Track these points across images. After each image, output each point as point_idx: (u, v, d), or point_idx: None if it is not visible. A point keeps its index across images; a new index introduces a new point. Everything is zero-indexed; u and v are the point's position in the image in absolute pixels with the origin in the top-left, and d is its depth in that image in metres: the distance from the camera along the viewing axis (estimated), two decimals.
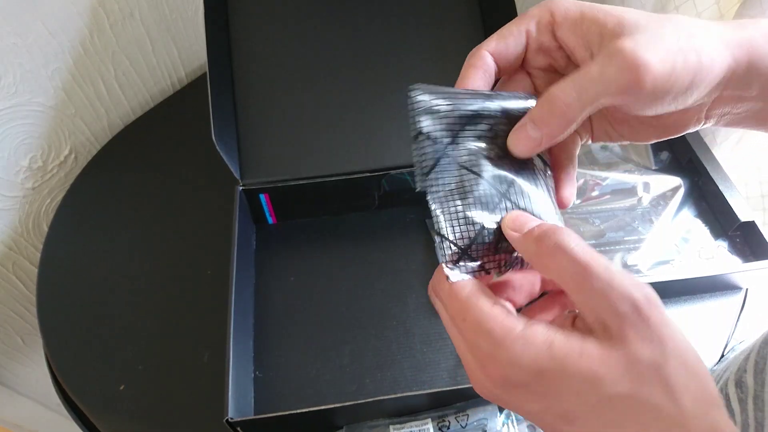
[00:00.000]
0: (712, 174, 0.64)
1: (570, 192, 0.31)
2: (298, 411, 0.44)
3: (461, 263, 0.27)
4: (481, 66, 0.29)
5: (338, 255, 0.62)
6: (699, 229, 0.62)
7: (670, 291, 0.58)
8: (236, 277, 0.51)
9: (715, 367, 0.53)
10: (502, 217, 0.27)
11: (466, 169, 0.27)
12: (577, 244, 0.24)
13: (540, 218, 0.28)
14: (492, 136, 0.28)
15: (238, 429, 0.44)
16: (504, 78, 0.32)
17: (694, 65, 0.25)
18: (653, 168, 0.68)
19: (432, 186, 0.27)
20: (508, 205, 0.27)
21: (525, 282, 0.30)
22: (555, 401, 0.24)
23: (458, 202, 0.27)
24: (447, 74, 0.63)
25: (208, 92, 0.53)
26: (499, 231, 0.27)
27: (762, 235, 0.59)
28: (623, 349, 0.23)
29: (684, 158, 0.68)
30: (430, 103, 0.27)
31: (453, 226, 0.27)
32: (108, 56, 0.69)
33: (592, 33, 0.27)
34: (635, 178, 0.66)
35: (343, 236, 0.63)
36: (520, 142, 0.28)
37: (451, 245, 0.26)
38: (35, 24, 0.59)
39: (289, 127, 0.60)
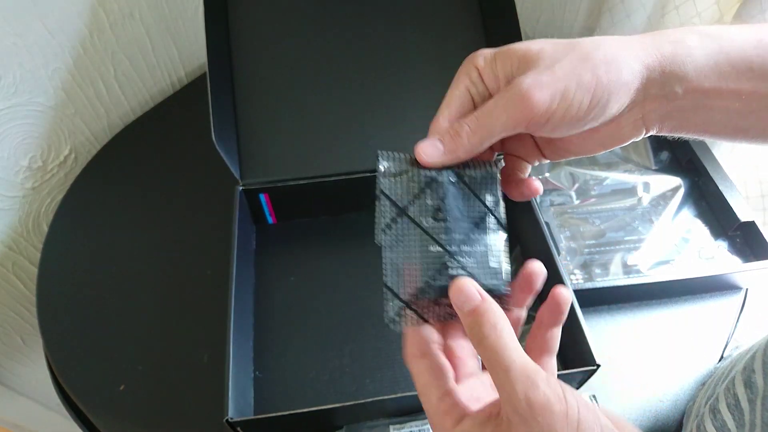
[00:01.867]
0: (712, 174, 0.64)
1: (534, 186, 0.33)
2: (298, 411, 0.44)
3: (404, 313, 0.30)
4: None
5: (338, 255, 0.62)
6: (699, 229, 0.63)
7: (670, 291, 0.58)
8: (236, 277, 0.51)
9: (718, 365, 0.53)
10: (449, 280, 0.29)
11: (421, 228, 0.30)
12: (497, 336, 0.26)
13: (483, 283, 0.30)
14: (446, 200, 0.31)
15: (238, 429, 0.44)
16: None
17: (591, 82, 0.27)
18: (653, 168, 0.68)
19: (386, 242, 0.30)
20: (455, 265, 0.30)
21: None
22: None
23: (411, 259, 0.30)
24: (447, 75, 0.63)
25: (208, 92, 0.53)
26: (442, 289, 0.29)
27: (762, 235, 0.59)
28: None
29: (684, 158, 0.68)
30: (392, 169, 0.30)
31: (399, 280, 0.30)
32: (108, 56, 0.69)
33: (506, 71, 0.29)
34: (635, 178, 0.66)
35: (343, 236, 0.63)
36: (427, 151, 0.30)
37: (395, 297, 0.30)
38: (35, 24, 0.59)
39: (289, 127, 0.60)
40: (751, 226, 0.60)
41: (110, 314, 0.58)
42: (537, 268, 0.31)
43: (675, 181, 0.65)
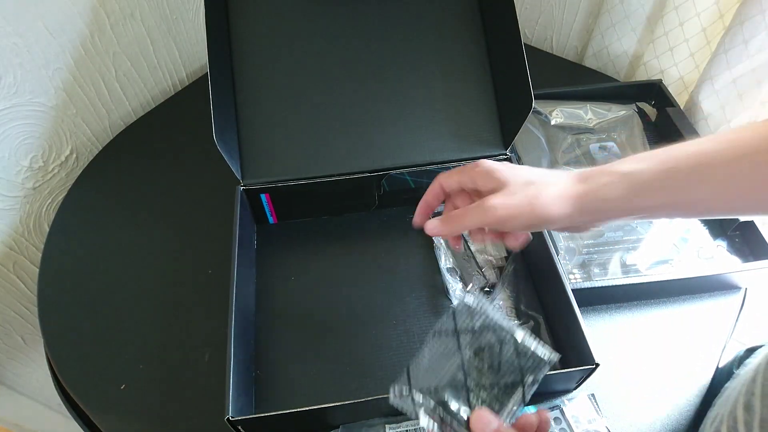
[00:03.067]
0: None
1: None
2: (299, 410, 0.44)
3: (407, 396, 0.38)
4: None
5: (338, 255, 0.62)
6: (698, 229, 0.63)
7: (670, 291, 0.58)
8: (237, 276, 0.51)
9: (738, 370, 0.52)
10: (457, 403, 0.37)
11: (460, 353, 0.39)
12: None
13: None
14: (494, 350, 0.40)
15: (239, 428, 0.44)
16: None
17: (528, 214, 0.39)
18: None
19: (430, 344, 0.40)
20: (464, 397, 0.38)
21: None
22: None
23: (438, 369, 0.39)
24: (447, 75, 0.63)
25: (209, 92, 0.53)
26: (444, 404, 0.37)
27: (761, 234, 0.59)
28: None
29: None
30: (469, 303, 0.41)
31: (420, 373, 0.39)
32: (109, 56, 0.69)
33: (477, 186, 0.43)
34: None
35: (343, 236, 0.64)
36: (431, 226, 0.43)
37: (408, 381, 0.38)
38: (36, 24, 0.59)
39: (289, 128, 0.60)
40: (750, 225, 0.60)
41: (111, 313, 0.58)
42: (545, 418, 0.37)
43: None
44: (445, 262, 0.60)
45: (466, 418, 0.36)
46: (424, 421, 0.37)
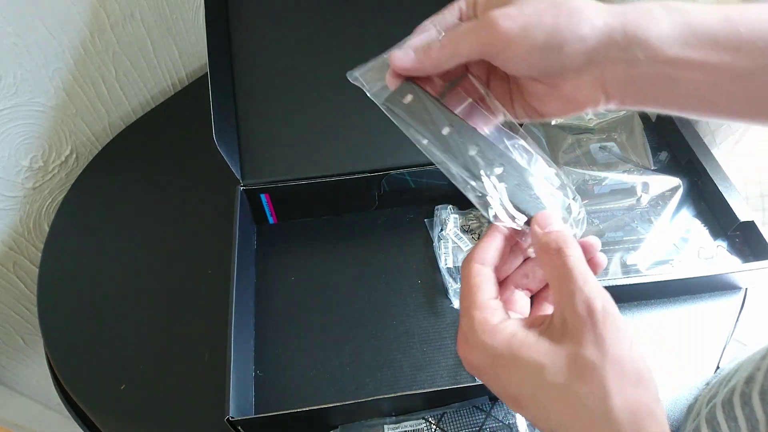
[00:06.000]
0: (711, 174, 0.64)
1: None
2: (299, 410, 0.44)
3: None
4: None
5: (338, 255, 0.62)
6: (698, 229, 0.63)
7: (670, 290, 0.58)
8: (237, 276, 0.51)
9: (722, 368, 0.53)
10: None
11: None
12: (572, 254, 0.29)
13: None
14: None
15: (239, 428, 0.44)
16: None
17: (550, 24, 0.29)
18: (652, 168, 0.68)
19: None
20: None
21: (538, 271, 0.34)
22: (505, 385, 0.28)
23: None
24: None
25: (209, 92, 0.53)
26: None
27: (761, 234, 0.59)
28: (571, 346, 0.26)
29: (683, 158, 0.68)
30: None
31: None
32: (109, 56, 0.69)
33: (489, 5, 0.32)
34: (634, 179, 0.66)
35: (343, 236, 0.64)
36: (398, 57, 0.34)
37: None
38: (35, 24, 0.59)
39: (289, 128, 0.60)
40: (750, 225, 0.60)
41: (111, 314, 0.58)
42: (595, 243, 0.32)
43: (674, 181, 0.66)
44: (445, 261, 0.60)
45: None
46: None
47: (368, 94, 0.36)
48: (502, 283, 0.34)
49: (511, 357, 0.28)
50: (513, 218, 0.32)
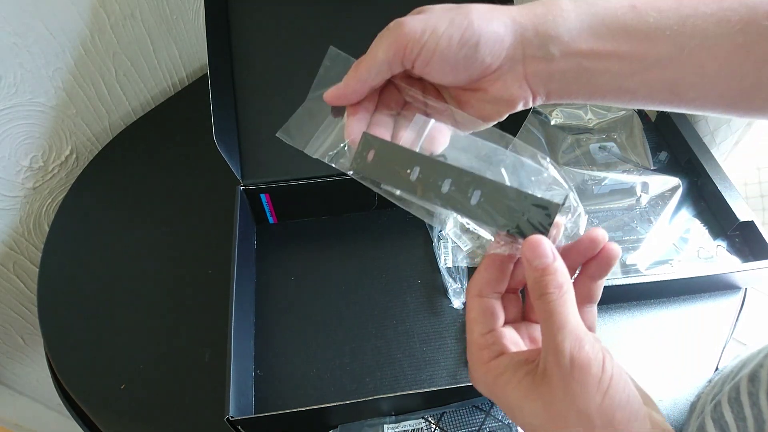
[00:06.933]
0: (711, 174, 0.64)
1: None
2: (299, 410, 0.44)
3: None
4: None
5: (338, 255, 0.62)
6: (698, 229, 0.63)
7: (669, 290, 0.58)
8: (237, 276, 0.51)
9: (726, 365, 0.53)
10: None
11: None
12: (552, 297, 0.28)
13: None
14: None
15: (239, 428, 0.44)
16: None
17: (460, 22, 0.29)
18: (652, 168, 0.68)
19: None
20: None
21: None
22: (503, 410, 0.30)
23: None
24: None
25: (209, 93, 0.53)
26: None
27: (761, 234, 0.59)
28: (546, 392, 0.27)
29: (683, 158, 0.68)
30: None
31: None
32: (109, 57, 0.69)
33: None
34: (634, 179, 0.66)
35: (343, 236, 0.64)
36: (328, 93, 0.35)
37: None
38: (36, 24, 0.59)
39: None
40: (750, 225, 0.60)
41: (111, 313, 0.58)
42: (600, 234, 0.32)
43: (673, 181, 0.66)
44: (444, 261, 0.60)
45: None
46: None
47: (334, 166, 0.37)
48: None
49: (500, 393, 0.29)
50: (501, 243, 0.31)
